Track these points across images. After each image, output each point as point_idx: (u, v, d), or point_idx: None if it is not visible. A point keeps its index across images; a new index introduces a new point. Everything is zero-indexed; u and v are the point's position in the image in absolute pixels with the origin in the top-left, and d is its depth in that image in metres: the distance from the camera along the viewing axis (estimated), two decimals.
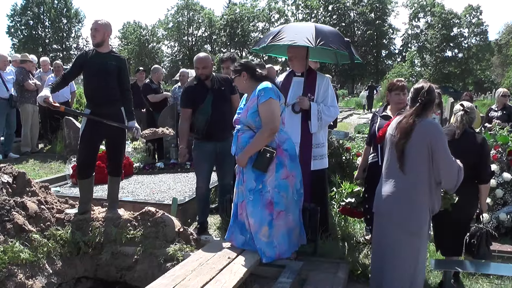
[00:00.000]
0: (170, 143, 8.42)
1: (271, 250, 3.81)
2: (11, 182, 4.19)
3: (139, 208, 4.58)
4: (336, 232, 4.78)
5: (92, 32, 4.51)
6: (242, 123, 3.89)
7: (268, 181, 3.77)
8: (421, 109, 3.28)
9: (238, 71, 3.95)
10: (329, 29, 4.73)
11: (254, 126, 3.80)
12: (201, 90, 4.89)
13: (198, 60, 4.91)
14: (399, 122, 3.34)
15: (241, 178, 3.92)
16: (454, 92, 36.04)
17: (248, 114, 3.80)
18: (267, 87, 3.77)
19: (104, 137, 4.67)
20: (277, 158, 3.77)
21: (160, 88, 9.24)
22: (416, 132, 3.21)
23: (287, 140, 3.89)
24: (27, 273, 3.54)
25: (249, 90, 3.93)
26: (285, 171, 3.80)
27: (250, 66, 3.96)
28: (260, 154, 3.71)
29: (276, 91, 3.81)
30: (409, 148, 3.23)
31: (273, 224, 3.79)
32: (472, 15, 56.37)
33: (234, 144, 3.95)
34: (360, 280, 4.11)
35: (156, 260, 3.96)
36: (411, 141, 3.22)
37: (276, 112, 3.73)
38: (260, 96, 3.73)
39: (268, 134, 3.70)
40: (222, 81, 5.03)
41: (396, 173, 3.31)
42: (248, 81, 3.92)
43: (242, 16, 62.38)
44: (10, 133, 9.48)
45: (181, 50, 65.48)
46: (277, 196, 3.78)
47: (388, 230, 3.36)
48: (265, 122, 3.71)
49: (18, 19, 57.91)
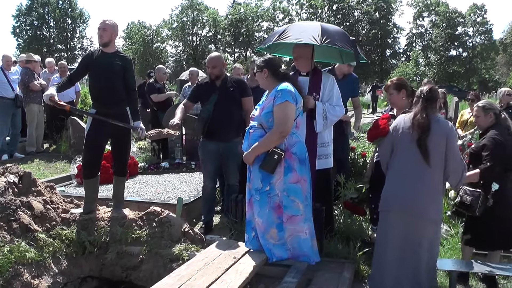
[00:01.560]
0: (175, 143, 8.43)
1: (282, 251, 3.77)
2: (17, 182, 4.20)
3: (144, 208, 4.58)
4: (341, 231, 4.76)
5: (99, 31, 4.50)
6: (255, 120, 3.85)
7: (277, 184, 3.71)
8: (426, 105, 3.50)
9: (260, 67, 3.91)
10: (335, 28, 4.71)
11: (266, 126, 3.75)
12: (209, 89, 4.95)
13: (208, 60, 5.02)
14: (413, 119, 3.52)
15: (248, 175, 3.90)
16: (459, 91, 35.90)
17: (263, 113, 3.76)
18: (285, 88, 3.71)
19: (109, 137, 4.67)
20: (285, 161, 3.71)
21: (164, 88, 9.24)
22: (434, 128, 3.44)
23: (298, 144, 3.81)
24: (33, 272, 3.55)
25: (270, 87, 3.89)
26: (295, 175, 3.73)
27: (273, 63, 3.91)
28: (268, 155, 3.67)
29: (295, 94, 3.73)
30: (429, 143, 3.44)
31: (283, 227, 3.73)
32: (476, 14, 56.26)
33: (245, 140, 3.92)
34: (366, 280, 4.10)
35: (161, 260, 3.95)
36: (430, 136, 3.44)
37: (289, 115, 3.67)
38: (277, 97, 3.68)
39: (277, 137, 3.65)
40: (235, 82, 5.04)
41: (418, 168, 3.48)
42: (269, 78, 3.88)
43: (246, 16, 62.42)
44: (15, 133, 9.53)
45: (186, 50, 65.57)
46: (286, 200, 3.72)
47: (413, 225, 3.52)
48: (277, 124, 3.66)
49: (23, 20, 58.20)
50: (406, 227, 3.53)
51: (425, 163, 3.44)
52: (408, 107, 4.04)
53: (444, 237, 4.95)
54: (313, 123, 4.50)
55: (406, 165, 3.55)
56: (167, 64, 61.90)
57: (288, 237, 3.75)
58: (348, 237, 4.66)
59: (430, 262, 3.57)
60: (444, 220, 5.30)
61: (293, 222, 3.73)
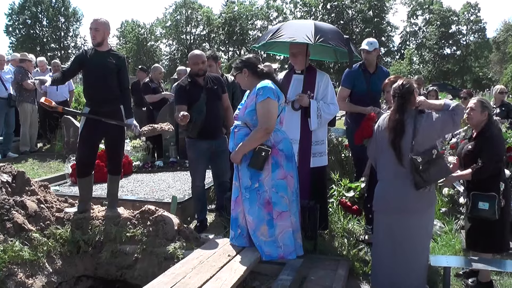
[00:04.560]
0: (169, 142, 8.42)
1: (273, 249, 3.77)
2: (11, 181, 4.17)
3: (139, 207, 4.58)
4: (336, 229, 4.78)
5: (92, 32, 4.48)
6: (240, 119, 3.88)
7: (265, 180, 3.73)
8: (402, 102, 3.47)
9: (239, 68, 3.92)
10: (329, 26, 4.73)
11: (251, 124, 3.78)
12: (195, 89, 4.92)
13: (197, 56, 4.95)
14: (388, 120, 3.53)
15: (236, 174, 3.92)
16: (453, 89, 36.08)
17: (246, 112, 3.79)
18: (266, 86, 3.73)
19: (103, 136, 4.66)
20: (272, 158, 3.73)
21: (160, 87, 9.22)
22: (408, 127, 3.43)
23: (284, 140, 3.84)
24: (27, 272, 3.53)
25: (251, 86, 3.90)
26: (282, 171, 3.76)
27: (251, 62, 3.92)
28: (255, 153, 3.69)
29: (276, 90, 3.75)
30: (403, 144, 3.43)
31: (274, 224, 3.74)
32: (470, 13, 56.48)
33: (231, 140, 3.94)
34: (360, 277, 4.12)
35: (156, 258, 3.95)
36: (405, 136, 3.42)
37: (272, 112, 3.69)
38: (259, 95, 3.70)
39: (263, 134, 3.68)
40: (214, 79, 5.06)
41: (396, 168, 3.49)
42: (249, 77, 3.90)
43: (240, 14, 62.37)
44: (9, 132, 9.48)
45: (179, 48, 65.42)
46: (275, 196, 3.74)
47: (398, 222, 3.54)
48: (261, 121, 3.68)
49: (16, 18, 57.84)
50: (393, 225, 3.55)
51: (399, 164, 3.44)
52: None
53: (438, 234, 4.98)
54: (308, 121, 4.51)
55: (387, 166, 3.58)
56: (161, 62, 61.69)
57: (278, 234, 3.76)
58: (343, 235, 4.68)
59: (421, 257, 3.59)
60: (438, 217, 5.34)
61: (282, 218, 3.76)
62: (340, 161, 7.07)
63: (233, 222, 3.97)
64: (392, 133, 3.46)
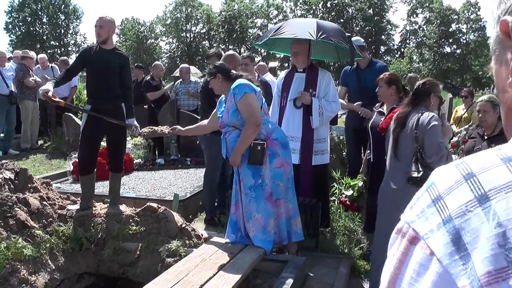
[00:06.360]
0: (170, 139, 8.43)
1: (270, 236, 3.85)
2: (13, 178, 4.19)
3: (141, 204, 4.58)
4: (337, 227, 4.79)
5: (97, 29, 4.48)
6: (226, 124, 3.92)
7: (265, 174, 3.81)
8: (415, 98, 3.48)
9: (213, 74, 4.01)
10: (331, 24, 4.75)
11: (239, 124, 3.83)
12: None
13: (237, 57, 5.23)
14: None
15: (236, 178, 3.96)
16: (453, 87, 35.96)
17: (230, 114, 3.84)
18: (239, 83, 3.82)
19: (104, 134, 4.67)
20: (269, 149, 3.81)
21: (161, 85, 9.25)
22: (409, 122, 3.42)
23: (276, 130, 3.93)
24: (30, 269, 3.54)
25: (225, 91, 3.98)
26: (278, 159, 3.83)
27: (224, 67, 4.05)
28: (251, 149, 3.75)
29: (250, 85, 3.84)
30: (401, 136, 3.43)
31: (273, 212, 3.83)
32: (470, 11, 56.35)
33: (223, 147, 3.99)
34: (362, 275, 4.13)
35: (158, 256, 3.96)
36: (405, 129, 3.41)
37: (254, 105, 3.76)
38: (236, 94, 3.78)
39: (253, 129, 3.73)
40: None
41: (392, 162, 3.52)
42: (223, 82, 3.98)
43: (240, 13, 62.22)
44: (10, 129, 9.47)
45: (179, 46, 65.28)
46: (274, 185, 3.83)
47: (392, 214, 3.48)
48: (247, 117, 3.74)
49: (16, 15, 57.68)
50: (393, 220, 3.53)
51: (394, 156, 3.46)
52: (397, 104, 4.04)
53: None
54: (310, 119, 4.52)
55: (388, 159, 3.61)
56: (161, 60, 61.62)
57: (273, 220, 3.84)
58: (344, 233, 4.69)
59: None
60: None
61: (277, 205, 3.85)
62: (341, 159, 7.08)
63: (234, 225, 3.99)
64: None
